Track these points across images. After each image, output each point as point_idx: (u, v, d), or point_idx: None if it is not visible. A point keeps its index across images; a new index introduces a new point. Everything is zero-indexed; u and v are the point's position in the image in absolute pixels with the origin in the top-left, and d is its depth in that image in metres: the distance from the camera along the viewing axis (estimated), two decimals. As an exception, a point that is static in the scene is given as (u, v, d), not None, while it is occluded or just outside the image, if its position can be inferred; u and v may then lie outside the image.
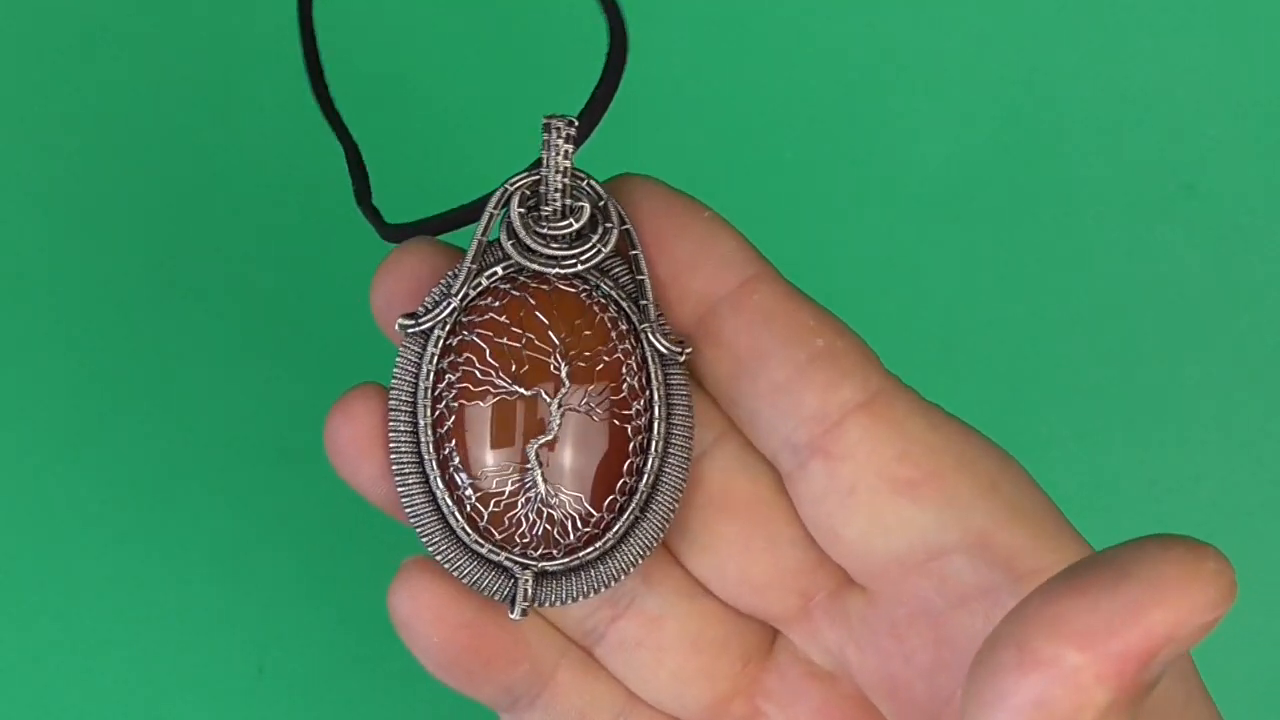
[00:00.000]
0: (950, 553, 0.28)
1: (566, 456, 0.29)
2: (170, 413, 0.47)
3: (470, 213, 0.30)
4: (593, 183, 0.29)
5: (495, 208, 0.29)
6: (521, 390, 0.28)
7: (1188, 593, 0.21)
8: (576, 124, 0.29)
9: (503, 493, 0.29)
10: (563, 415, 0.29)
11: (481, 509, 0.29)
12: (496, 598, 0.29)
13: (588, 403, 0.29)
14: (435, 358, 0.29)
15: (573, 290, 0.29)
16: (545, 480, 0.29)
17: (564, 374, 0.29)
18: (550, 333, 0.29)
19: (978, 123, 0.51)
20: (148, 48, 0.49)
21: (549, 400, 0.28)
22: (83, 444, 0.46)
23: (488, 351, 0.29)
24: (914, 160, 0.50)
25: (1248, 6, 0.51)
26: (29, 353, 0.47)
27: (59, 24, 0.49)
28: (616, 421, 0.29)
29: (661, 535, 0.30)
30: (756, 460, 0.30)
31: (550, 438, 0.29)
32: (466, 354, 0.29)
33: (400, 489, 0.29)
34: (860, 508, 0.28)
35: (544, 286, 0.29)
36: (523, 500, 0.29)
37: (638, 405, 0.29)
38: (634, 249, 0.29)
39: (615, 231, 0.29)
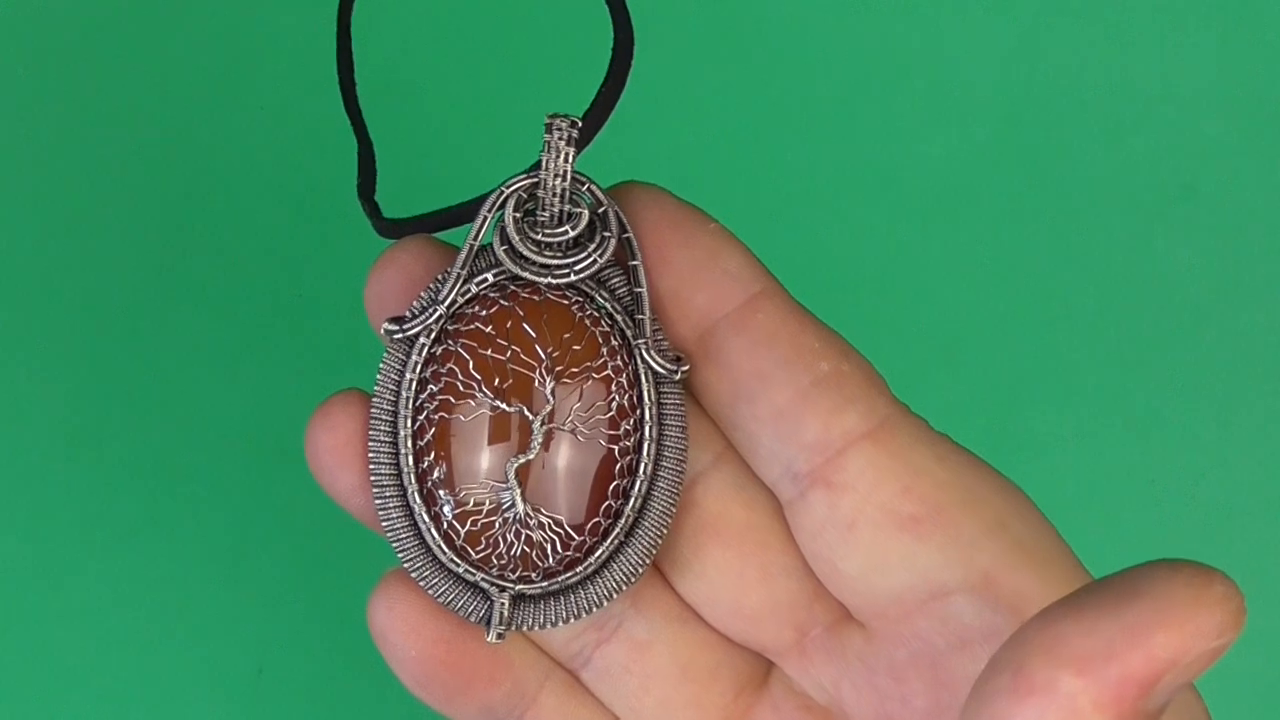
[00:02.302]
0: (953, 593, 0.27)
1: (548, 477, 0.27)
2: (170, 413, 0.47)
3: (468, 211, 0.28)
4: (593, 187, 0.28)
5: (490, 210, 0.28)
6: (504, 405, 0.27)
7: (1193, 616, 0.20)
8: (580, 125, 0.27)
9: (480, 511, 0.28)
10: (546, 434, 0.27)
11: (458, 527, 0.28)
12: (473, 619, 0.28)
13: (573, 421, 0.27)
14: (419, 366, 0.28)
15: (564, 302, 0.28)
16: (524, 500, 0.27)
17: (549, 390, 0.27)
18: (537, 346, 0.27)
19: (978, 123, 0.51)
20: (147, 48, 0.49)
21: (532, 417, 0.27)
22: (83, 444, 0.46)
23: (471, 363, 0.27)
24: (914, 160, 0.50)
25: (1248, 6, 0.51)
26: (29, 353, 0.47)
27: (59, 23, 0.49)
28: (603, 441, 0.28)
29: (647, 561, 0.28)
30: (755, 485, 0.29)
31: (531, 457, 0.27)
32: (450, 364, 0.28)
33: (377, 501, 0.28)
34: (860, 543, 0.27)
35: (534, 297, 0.28)
36: (500, 520, 0.28)
37: (627, 425, 0.28)
38: (634, 259, 0.28)
39: (613, 241, 0.28)
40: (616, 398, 0.28)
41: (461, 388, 0.28)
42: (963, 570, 0.27)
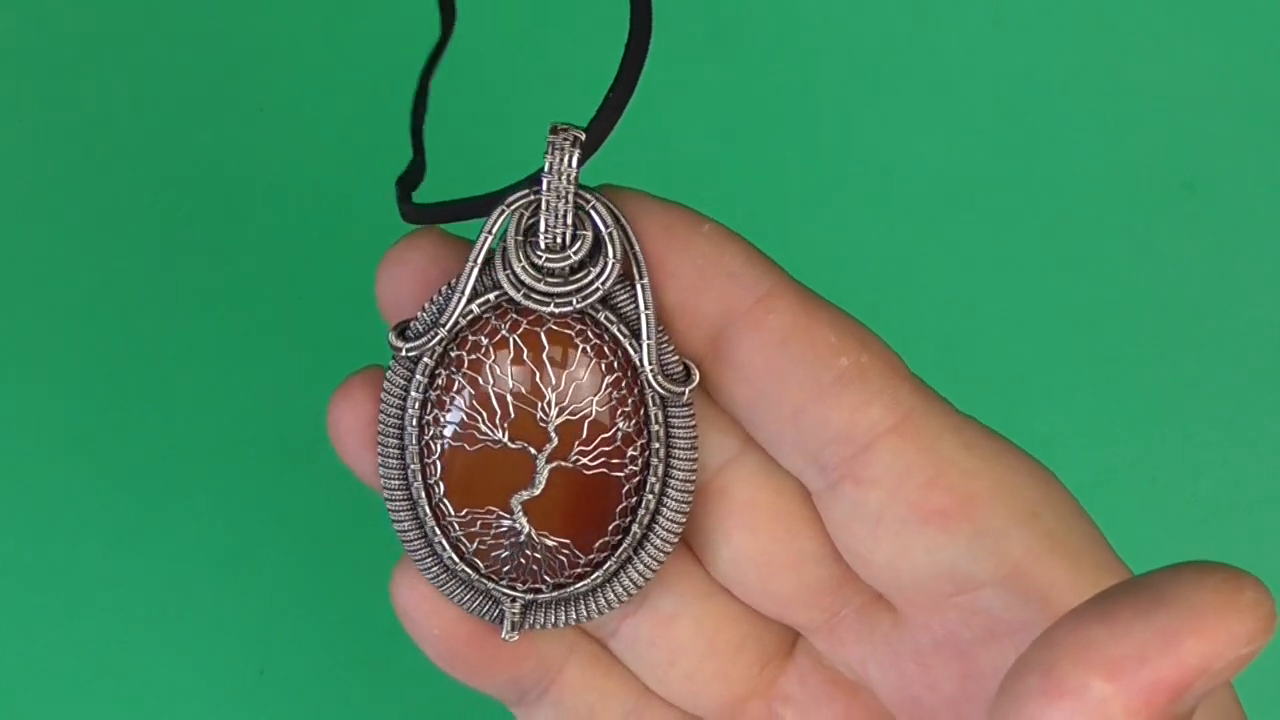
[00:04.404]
0: (983, 586, 0.26)
1: (554, 508, 0.27)
2: (172, 413, 0.47)
3: (491, 202, 0.27)
4: (598, 205, 0.27)
5: (491, 229, 0.27)
6: (506, 442, 0.27)
7: (1224, 622, 0.20)
8: (583, 138, 0.26)
9: (487, 533, 0.28)
10: (550, 471, 0.27)
11: (467, 542, 0.28)
12: (486, 619, 0.28)
13: (577, 457, 0.27)
14: (423, 386, 0.28)
15: (568, 331, 0.27)
16: (531, 525, 0.27)
17: (552, 429, 0.27)
18: (539, 382, 0.27)
19: (977, 122, 0.51)
20: (147, 47, 0.49)
21: (535, 454, 0.27)
22: (84, 444, 0.46)
23: (473, 396, 0.27)
24: (910, 158, 0.50)
25: (1247, 6, 0.51)
26: (30, 353, 0.47)
27: (59, 23, 0.49)
28: (608, 471, 0.28)
29: (656, 567, 0.28)
30: (782, 471, 0.28)
31: (536, 493, 0.27)
32: (453, 392, 0.27)
33: (390, 506, 0.28)
34: (888, 537, 0.27)
35: (536, 327, 0.27)
36: (508, 542, 0.28)
37: (632, 451, 0.28)
38: (641, 278, 0.27)
39: (617, 265, 0.27)
40: (621, 426, 0.27)
41: (465, 419, 0.27)
42: (993, 562, 0.26)
